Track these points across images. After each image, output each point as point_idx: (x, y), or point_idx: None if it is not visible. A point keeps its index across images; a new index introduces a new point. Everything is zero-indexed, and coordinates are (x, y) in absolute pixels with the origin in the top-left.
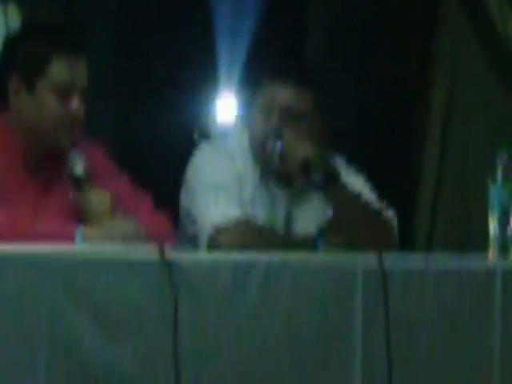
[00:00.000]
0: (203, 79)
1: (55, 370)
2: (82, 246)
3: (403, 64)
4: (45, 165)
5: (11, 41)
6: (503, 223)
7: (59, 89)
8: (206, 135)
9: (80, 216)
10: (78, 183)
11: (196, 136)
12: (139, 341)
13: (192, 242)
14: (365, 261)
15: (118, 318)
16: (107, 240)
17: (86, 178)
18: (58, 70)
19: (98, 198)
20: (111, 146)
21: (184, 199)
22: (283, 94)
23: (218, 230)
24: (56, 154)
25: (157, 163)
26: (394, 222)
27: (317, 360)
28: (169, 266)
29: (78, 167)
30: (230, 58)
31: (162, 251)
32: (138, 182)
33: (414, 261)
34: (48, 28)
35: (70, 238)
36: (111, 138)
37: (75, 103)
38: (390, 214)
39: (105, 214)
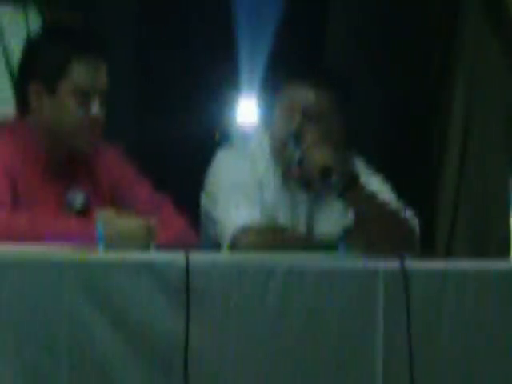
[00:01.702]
0: (224, 82)
1: (76, 372)
2: (104, 247)
3: (423, 65)
4: (66, 168)
5: (33, 44)
6: None
7: (80, 92)
8: (227, 138)
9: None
10: (78, 214)
11: (217, 139)
12: (155, 343)
13: (213, 244)
14: (386, 263)
15: (136, 321)
16: (126, 239)
17: (86, 210)
18: (79, 73)
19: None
20: (132, 148)
21: (205, 202)
22: (304, 96)
23: (240, 233)
24: (77, 157)
25: (178, 166)
26: (415, 224)
27: (339, 362)
28: (188, 269)
29: (77, 201)
30: (251, 61)
31: (187, 256)
32: (158, 184)
33: (436, 262)
34: (69, 32)
35: (92, 235)
36: (132, 140)
37: (96, 107)
38: (410, 215)
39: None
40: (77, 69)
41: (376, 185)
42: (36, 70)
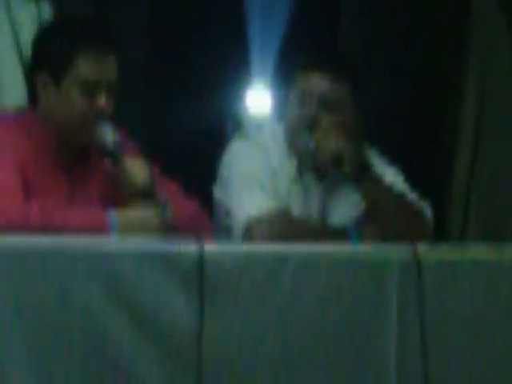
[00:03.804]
0: (237, 71)
1: (89, 362)
2: (118, 237)
3: (437, 53)
4: (77, 157)
5: (41, 35)
6: None
7: (86, 85)
8: (240, 128)
9: (119, 189)
10: (111, 155)
11: (230, 129)
12: (169, 333)
13: (227, 234)
14: (399, 252)
15: (149, 311)
16: (139, 227)
17: (119, 148)
18: (85, 66)
19: (137, 168)
20: (144, 139)
21: (218, 192)
22: (319, 84)
23: (253, 222)
24: (89, 147)
25: (191, 156)
26: (428, 213)
27: (352, 351)
28: (202, 259)
29: (109, 138)
30: (263, 49)
31: (201, 246)
32: (171, 175)
33: (449, 251)
34: (76, 24)
35: (104, 225)
36: (144, 131)
37: (102, 99)
38: (423, 205)
39: (145, 185)
40: (83, 61)
41: (389, 175)
42: (44, 61)
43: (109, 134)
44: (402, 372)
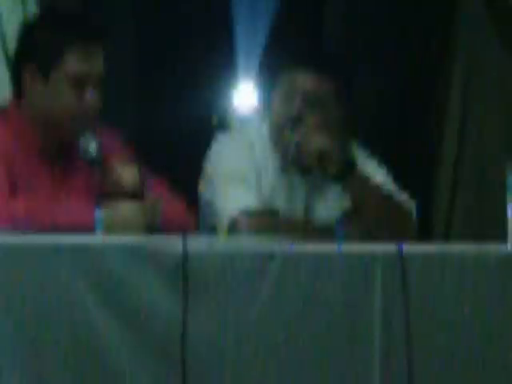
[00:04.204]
0: (222, 67)
1: (74, 358)
2: (104, 234)
3: (422, 48)
4: (62, 153)
5: (29, 28)
6: None
7: (74, 79)
8: (225, 124)
9: (110, 197)
10: (96, 164)
11: (215, 125)
12: (153, 328)
13: (211, 231)
14: (384, 250)
15: (133, 305)
16: (125, 223)
17: (100, 157)
18: (73, 60)
19: (126, 174)
20: (130, 135)
21: (203, 189)
22: (304, 82)
23: (237, 219)
24: (73, 143)
25: (175, 152)
26: (413, 212)
27: (335, 348)
28: (186, 254)
29: (91, 149)
30: (248, 45)
31: (184, 240)
32: (156, 171)
33: (434, 249)
34: (64, 17)
35: (90, 222)
36: (130, 127)
37: (90, 93)
38: (408, 203)
39: (134, 191)
40: (71, 55)
41: (373, 170)
42: (31, 54)
43: (91, 144)
44: (387, 371)
